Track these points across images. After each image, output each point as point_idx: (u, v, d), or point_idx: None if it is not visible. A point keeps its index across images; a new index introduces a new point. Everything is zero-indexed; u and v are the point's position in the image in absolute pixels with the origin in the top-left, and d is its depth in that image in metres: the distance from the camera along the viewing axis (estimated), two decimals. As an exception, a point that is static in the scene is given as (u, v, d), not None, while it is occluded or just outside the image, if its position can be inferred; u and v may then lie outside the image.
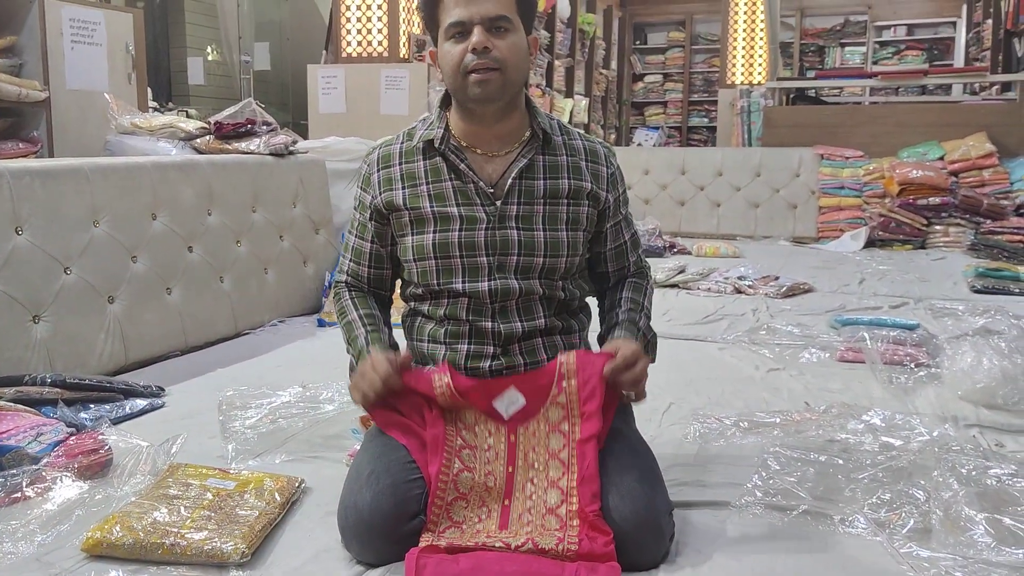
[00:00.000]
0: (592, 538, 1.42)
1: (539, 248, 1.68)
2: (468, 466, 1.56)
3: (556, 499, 1.51)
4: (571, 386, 1.60)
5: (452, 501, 1.51)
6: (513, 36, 1.61)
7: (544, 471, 1.55)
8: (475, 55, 1.58)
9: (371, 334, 1.71)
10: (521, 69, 1.64)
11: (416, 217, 1.69)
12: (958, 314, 3.43)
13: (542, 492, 1.52)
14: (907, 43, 10.51)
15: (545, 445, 1.57)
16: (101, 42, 4.04)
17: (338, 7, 5.81)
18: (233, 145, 3.64)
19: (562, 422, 1.59)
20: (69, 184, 2.67)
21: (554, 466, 1.55)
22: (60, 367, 2.52)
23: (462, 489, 1.53)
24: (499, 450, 1.58)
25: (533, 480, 1.55)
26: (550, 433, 1.59)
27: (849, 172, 6.13)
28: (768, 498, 1.74)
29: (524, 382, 1.63)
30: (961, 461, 1.80)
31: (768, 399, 2.52)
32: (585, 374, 1.59)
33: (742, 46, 9.10)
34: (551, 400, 1.61)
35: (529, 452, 1.57)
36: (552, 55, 7.89)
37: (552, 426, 1.59)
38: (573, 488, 1.50)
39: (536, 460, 1.57)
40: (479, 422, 1.61)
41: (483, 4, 1.58)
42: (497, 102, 1.63)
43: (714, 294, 4.13)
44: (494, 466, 1.57)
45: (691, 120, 11.57)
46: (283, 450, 2.05)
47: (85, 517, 1.65)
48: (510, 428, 1.60)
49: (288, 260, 3.66)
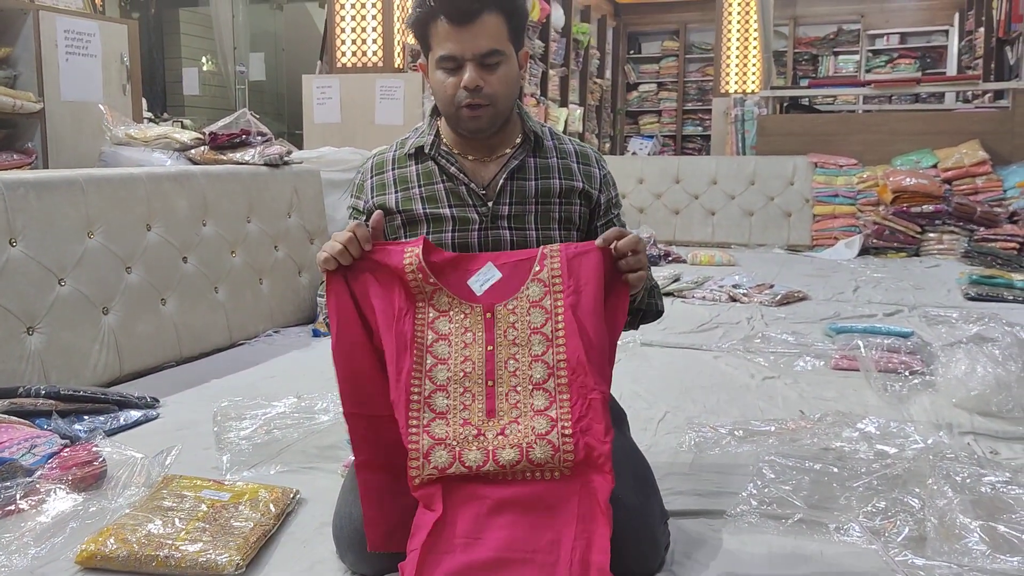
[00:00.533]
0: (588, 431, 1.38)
1: (531, 248, 1.67)
2: (442, 358, 1.49)
3: (542, 373, 1.46)
4: (553, 264, 1.52)
5: (430, 394, 1.45)
6: (505, 68, 1.59)
7: (527, 347, 1.48)
8: (468, 92, 1.57)
9: None
10: (512, 96, 1.64)
11: (408, 219, 1.69)
12: (952, 322, 3.43)
13: (526, 368, 1.47)
14: (900, 51, 10.54)
15: (526, 321, 1.50)
16: (96, 53, 4.04)
17: (333, 17, 5.82)
18: (228, 155, 3.64)
19: (543, 298, 1.51)
20: (64, 195, 2.67)
21: (537, 341, 1.48)
22: (54, 378, 2.52)
23: (439, 382, 1.47)
24: (476, 331, 1.50)
25: (516, 356, 1.48)
26: (531, 309, 1.51)
27: (843, 180, 6.15)
28: (763, 507, 1.74)
29: (501, 258, 1.56)
30: (956, 469, 1.80)
31: (763, 407, 2.52)
32: (568, 253, 1.52)
33: (736, 55, 9.13)
34: (532, 276, 1.53)
35: (508, 329, 1.50)
36: (547, 64, 7.91)
37: (533, 302, 1.51)
38: (560, 362, 1.45)
39: (517, 336, 1.49)
40: (453, 306, 1.52)
41: (475, 39, 1.55)
42: (488, 131, 1.64)
43: (709, 302, 4.14)
44: (472, 349, 1.49)
45: (685, 129, 11.59)
46: (278, 461, 2.05)
47: (79, 529, 1.64)
48: (487, 306, 1.52)
49: (283, 270, 3.66)
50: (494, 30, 1.57)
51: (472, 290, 1.53)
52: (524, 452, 1.38)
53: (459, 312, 1.52)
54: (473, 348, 1.49)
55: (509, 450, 1.39)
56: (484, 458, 1.39)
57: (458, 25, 1.55)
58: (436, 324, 1.51)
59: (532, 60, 7.63)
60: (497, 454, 1.39)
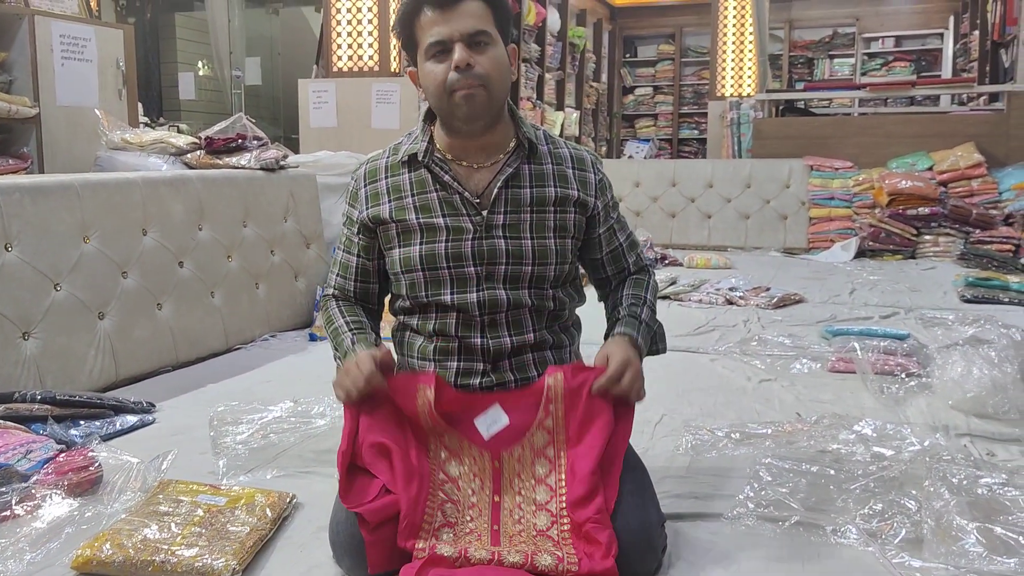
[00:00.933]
0: (591, 555, 1.40)
1: (527, 256, 1.67)
2: (452, 499, 1.53)
3: (546, 522, 1.48)
4: (558, 410, 1.57)
5: (439, 527, 1.48)
6: (494, 50, 1.61)
7: (531, 496, 1.52)
8: (458, 73, 1.57)
9: (357, 334, 1.70)
10: (504, 82, 1.64)
11: (403, 229, 1.69)
12: (948, 324, 3.44)
13: (530, 516, 1.50)
14: (895, 54, 10.57)
15: (531, 472, 1.55)
16: (91, 58, 4.04)
17: (329, 22, 5.82)
18: (224, 160, 3.64)
19: (547, 447, 1.57)
20: (59, 200, 2.67)
21: (541, 491, 1.53)
22: (50, 384, 2.51)
23: (449, 518, 1.50)
24: (484, 479, 1.55)
25: (521, 506, 1.52)
26: (535, 459, 1.56)
27: (839, 183, 6.16)
28: (760, 509, 1.74)
29: (509, 400, 1.61)
30: (952, 471, 1.80)
31: (760, 410, 2.52)
32: (573, 398, 1.57)
33: (731, 58, 9.15)
34: (537, 424, 1.58)
35: (514, 479, 1.55)
36: (543, 68, 7.91)
37: (537, 452, 1.57)
38: (563, 510, 1.48)
39: (522, 487, 1.54)
40: (463, 449, 1.58)
41: (461, 20, 1.58)
42: (483, 118, 1.63)
43: (705, 305, 4.14)
44: (479, 496, 1.54)
45: (681, 132, 11.61)
46: (274, 465, 2.05)
47: (75, 535, 1.64)
48: (494, 454, 1.57)
49: (279, 275, 3.66)
50: (478, 12, 1.60)
51: (479, 431, 1.58)
52: (529, 557, 1.41)
53: (468, 456, 1.57)
54: (480, 496, 1.54)
55: (515, 555, 1.41)
56: (489, 557, 1.41)
57: (442, 10, 1.58)
58: (447, 466, 1.56)
59: (528, 64, 7.63)
60: (502, 556, 1.41)
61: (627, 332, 1.70)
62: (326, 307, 1.81)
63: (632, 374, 1.59)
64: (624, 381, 1.58)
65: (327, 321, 1.80)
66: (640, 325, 1.74)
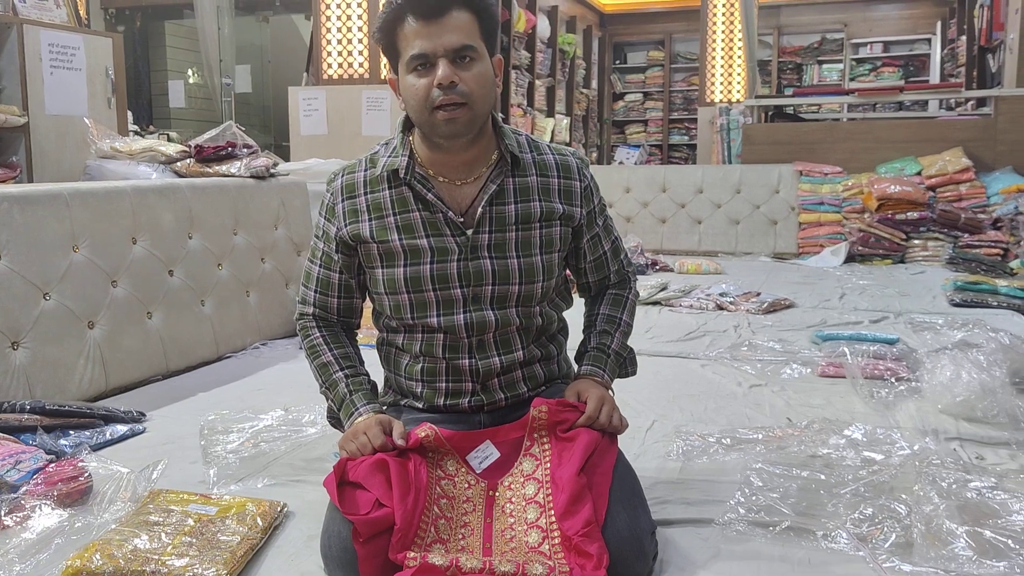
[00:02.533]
0: (582, 566, 1.40)
1: (514, 276, 1.65)
2: (446, 514, 1.53)
3: (537, 538, 1.48)
4: (543, 440, 1.62)
5: (431, 543, 1.48)
6: (479, 65, 1.56)
7: (522, 515, 1.53)
8: (441, 90, 1.53)
9: (351, 380, 1.70)
10: (488, 99, 1.59)
11: (385, 251, 1.66)
12: (937, 328, 3.45)
13: (522, 535, 1.50)
14: (883, 60, 10.64)
15: (521, 494, 1.56)
16: (80, 67, 4.03)
17: (319, 29, 5.83)
18: (214, 168, 3.64)
19: (535, 471, 1.59)
20: (48, 209, 2.66)
21: (531, 509, 1.53)
22: (39, 393, 2.50)
23: (442, 535, 1.50)
24: (477, 503, 1.56)
25: (512, 526, 1.52)
26: (525, 483, 1.58)
27: (828, 188, 6.19)
28: (751, 515, 1.74)
29: (499, 435, 1.64)
30: (942, 475, 1.80)
31: (750, 415, 2.52)
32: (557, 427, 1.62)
33: (720, 64, 9.19)
34: (524, 452, 1.62)
35: (506, 504, 1.56)
36: (533, 75, 7.93)
37: (527, 476, 1.59)
38: (553, 524, 1.48)
39: (514, 509, 1.54)
40: (459, 473, 1.60)
41: (446, 35, 1.52)
42: (466, 136, 1.59)
43: (696, 311, 4.14)
44: (472, 517, 1.54)
45: (671, 138, 11.64)
46: (265, 474, 2.04)
47: (65, 546, 1.63)
48: (491, 484, 1.59)
49: (270, 283, 3.65)
50: (464, 26, 1.54)
51: (471, 466, 1.60)
52: (520, 567, 1.40)
53: (463, 481, 1.59)
54: (472, 516, 1.54)
55: (506, 564, 1.41)
56: (481, 566, 1.40)
57: (427, 21, 1.52)
58: (442, 484, 1.57)
59: (518, 71, 7.64)
60: (494, 565, 1.40)
61: (594, 371, 1.74)
62: (306, 333, 1.78)
63: (608, 409, 1.63)
64: (602, 417, 1.61)
65: (311, 351, 1.77)
66: (607, 360, 1.76)
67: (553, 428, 1.62)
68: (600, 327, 1.79)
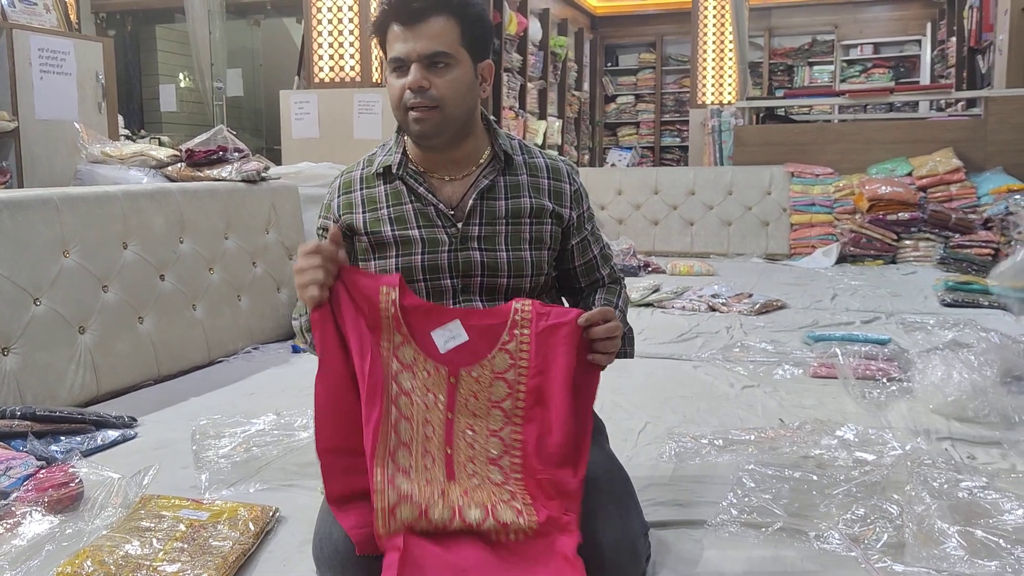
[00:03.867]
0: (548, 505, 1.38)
1: (503, 269, 1.67)
2: (406, 415, 1.46)
3: (497, 450, 1.45)
4: (522, 335, 1.50)
5: (395, 448, 1.43)
6: (454, 71, 1.59)
7: (485, 419, 1.48)
8: (413, 93, 1.58)
9: None
10: (464, 103, 1.62)
11: (377, 242, 1.68)
12: (929, 328, 3.47)
13: (483, 441, 1.46)
14: (874, 61, 10.67)
15: (488, 393, 1.49)
16: (71, 71, 4.02)
17: (310, 33, 5.82)
18: (205, 172, 3.63)
19: (508, 370, 1.50)
20: (39, 214, 2.65)
21: (495, 416, 1.48)
22: (30, 399, 2.49)
23: (403, 438, 1.44)
24: (438, 394, 1.49)
25: (474, 427, 1.47)
26: (494, 380, 1.50)
27: (819, 189, 6.20)
28: (744, 516, 1.75)
29: (471, 318, 1.53)
30: (933, 475, 1.81)
31: (743, 416, 2.53)
32: (540, 326, 1.49)
33: (712, 66, 9.20)
34: (500, 346, 1.51)
35: (470, 398, 1.49)
36: (525, 77, 7.94)
37: (497, 374, 1.50)
38: (515, 441, 1.45)
39: (477, 408, 1.49)
40: (418, 362, 1.50)
41: (420, 41, 1.57)
42: (436, 139, 1.63)
43: (688, 312, 4.15)
44: (432, 413, 1.48)
45: (663, 140, 11.66)
46: (257, 479, 2.04)
47: (55, 552, 1.63)
48: (451, 370, 1.50)
49: (261, 286, 3.65)
50: (442, 32, 1.58)
51: (436, 343, 1.50)
52: (490, 511, 1.38)
53: (423, 370, 1.49)
54: (434, 412, 1.48)
55: (475, 509, 1.38)
56: (451, 515, 1.38)
57: (406, 26, 1.57)
58: (400, 378, 1.48)
59: (510, 73, 7.65)
60: (464, 512, 1.38)
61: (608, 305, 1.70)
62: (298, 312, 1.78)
63: (612, 325, 1.51)
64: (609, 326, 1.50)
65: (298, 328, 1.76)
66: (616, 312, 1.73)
67: (536, 323, 1.50)
68: (601, 302, 1.78)
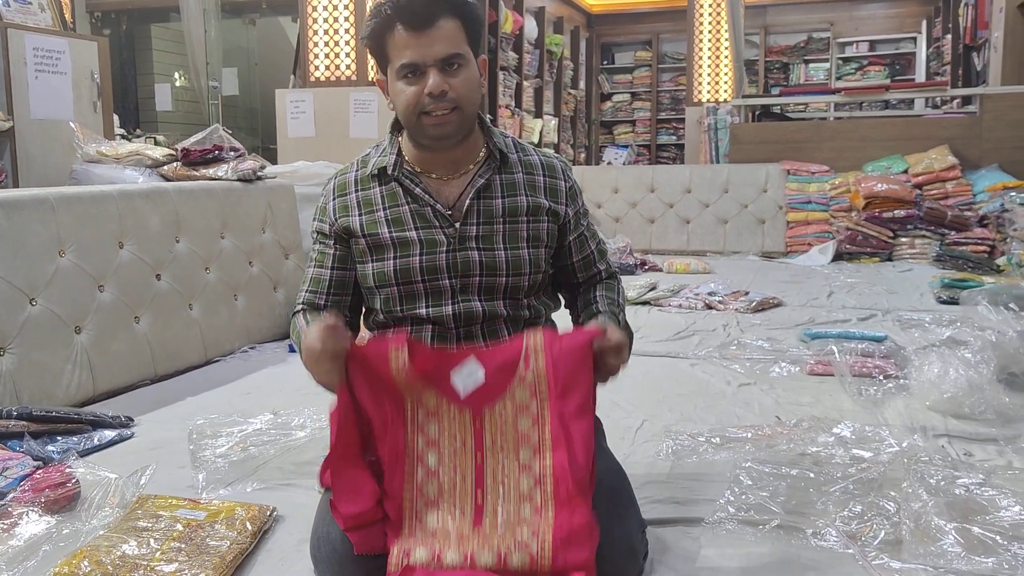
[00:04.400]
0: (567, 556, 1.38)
1: (501, 268, 1.67)
2: (432, 470, 1.48)
3: (528, 485, 1.44)
4: (539, 364, 1.49)
5: (420, 510, 1.45)
6: (467, 71, 1.59)
7: (514, 455, 1.47)
8: (432, 99, 1.56)
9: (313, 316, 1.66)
10: (476, 101, 1.63)
11: (374, 244, 1.68)
12: (925, 325, 3.47)
13: (514, 479, 1.45)
14: (869, 59, 10.68)
15: (513, 427, 1.48)
16: (66, 71, 4.01)
17: (305, 31, 5.82)
18: (201, 171, 3.62)
19: (530, 402, 1.49)
20: (34, 214, 2.65)
21: (524, 450, 1.47)
22: (26, 399, 2.49)
23: (429, 496, 1.45)
24: (465, 438, 1.49)
25: (504, 466, 1.47)
26: (518, 415, 1.49)
27: (815, 187, 6.21)
28: (741, 513, 1.75)
29: (486, 355, 1.52)
30: (930, 471, 1.82)
31: (740, 414, 2.53)
32: (555, 352, 1.48)
33: (707, 64, 9.21)
34: (517, 379, 1.49)
35: (497, 436, 1.48)
36: (520, 76, 7.93)
37: (520, 407, 1.49)
38: (546, 473, 1.43)
39: (505, 444, 1.48)
40: (441, 408, 1.50)
41: (436, 45, 1.55)
42: (454, 139, 1.62)
43: (685, 310, 4.15)
44: (461, 458, 1.48)
45: (659, 138, 11.66)
46: (255, 478, 2.03)
47: (52, 552, 1.62)
48: (475, 413, 1.50)
49: (258, 286, 3.64)
50: (452, 34, 1.57)
51: (456, 385, 1.51)
52: (502, 558, 1.38)
53: (447, 414, 1.50)
54: (463, 457, 1.48)
55: (488, 554, 1.38)
56: (462, 560, 1.38)
57: (416, 31, 1.55)
58: (427, 427, 1.49)
59: (506, 72, 7.64)
60: (475, 556, 1.38)
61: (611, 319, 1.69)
62: (294, 322, 1.78)
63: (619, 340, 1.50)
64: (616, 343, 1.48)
65: (294, 332, 1.76)
66: (618, 321, 1.74)
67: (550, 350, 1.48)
68: (604, 302, 1.77)
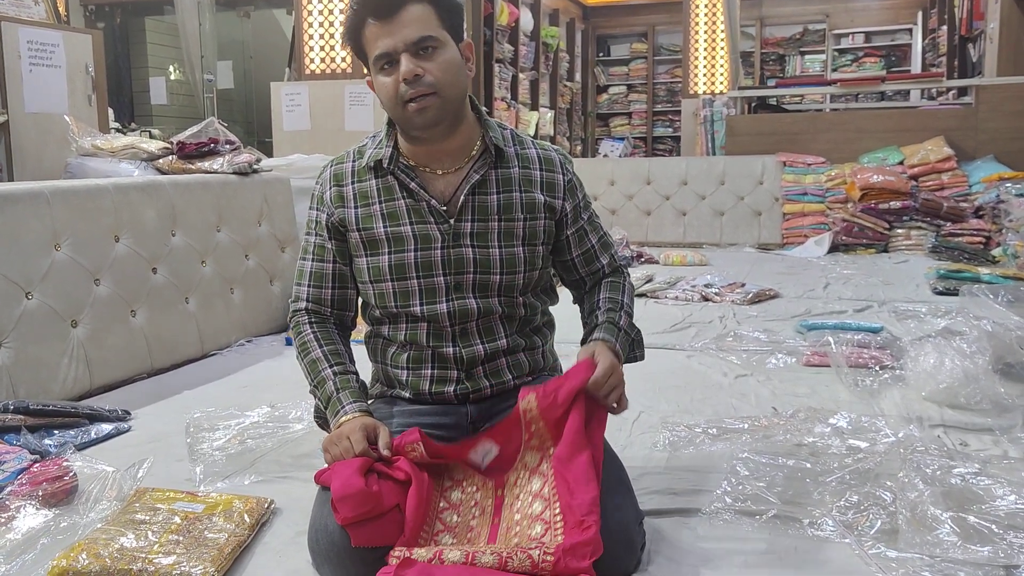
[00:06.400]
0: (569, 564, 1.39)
1: (495, 265, 1.67)
2: (449, 526, 1.52)
3: (539, 530, 1.47)
4: (540, 428, 1.56)
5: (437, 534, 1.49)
6: (443, 53, 1.58)
7: (528, 511, 1.51)
8: (408, 84, 1.55)
9: (340, 379, 1.67)
10: (458, 83, 1.61)
11: (369, 238, 1.67)
12: (921, 316, 3.48)
13: (526, 528, 1.49)
14: (865, 50, 10.69)
15: (528, 490, 1.54)
16: (60, 64, 4.00)
17: (300, 24, 5.80)
18: (196, 165, 3.61)
19: (540, 463, 1.56)
20: (29, 208, 2.64)
21: (537, 503, 1.51)
22: (23, 393, 2.48)
23: (441, 544, 1.48)
24: (486, 506, 1.55)
25: (519, 523, 1.51)
26: (531, 478, 1.55)
27: (811, 178, 6.21)
28: (738, 504, 1.75)
29: (495, 432, 1.60)
30: (926, 461, 1.82)
31: (736, 405, 2.54)
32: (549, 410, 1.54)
33: (703, 56, 9.20)
34: (525, 445, 1.58)
35: (514, 501, 1.54)
36: (516, 68, 7.92)
37: (532, 471, 1.56)
38: (556, 517, 1.46)
39: (521, 506, 1.53)
40: (467, 477, 1.58)
41: (404, 30, 1.55)
42: (438, 126, 1.61)
43: (682, 302, 4.16)
44: (479, 521, 1.53)
45: (655, 130, 11.66)
46: (252, 471, 2.03)
47: (50, 546, 1.62)
48: (498, 483, 1.57)
49: (254, 279, 3.64)
50: (421, 18, 1.56)
51: (475, 462, 1.58)
52: (503, 560, 1.39)
53: (472, 484, 1.56)
54: (481, 521, 1.53)
55: (489, 555, 1.39)
56: (464, 559, 1.39)
57: (384, 20, 1.55)
58: (449, 494, 1.55)
59: (502, 64, 7.63)
60: (476, 557, 1.39)
61: (607, 339, 1.70)
62: (299, 330, 1.77)
63: (616, 378, 1.59)
64: (605, 390, 1.56)
65: (301, 348, 1.75)
66: (619, 333, 1.73)
67: (546, 411, 1.55)
68: (605, 307, 1.78)
